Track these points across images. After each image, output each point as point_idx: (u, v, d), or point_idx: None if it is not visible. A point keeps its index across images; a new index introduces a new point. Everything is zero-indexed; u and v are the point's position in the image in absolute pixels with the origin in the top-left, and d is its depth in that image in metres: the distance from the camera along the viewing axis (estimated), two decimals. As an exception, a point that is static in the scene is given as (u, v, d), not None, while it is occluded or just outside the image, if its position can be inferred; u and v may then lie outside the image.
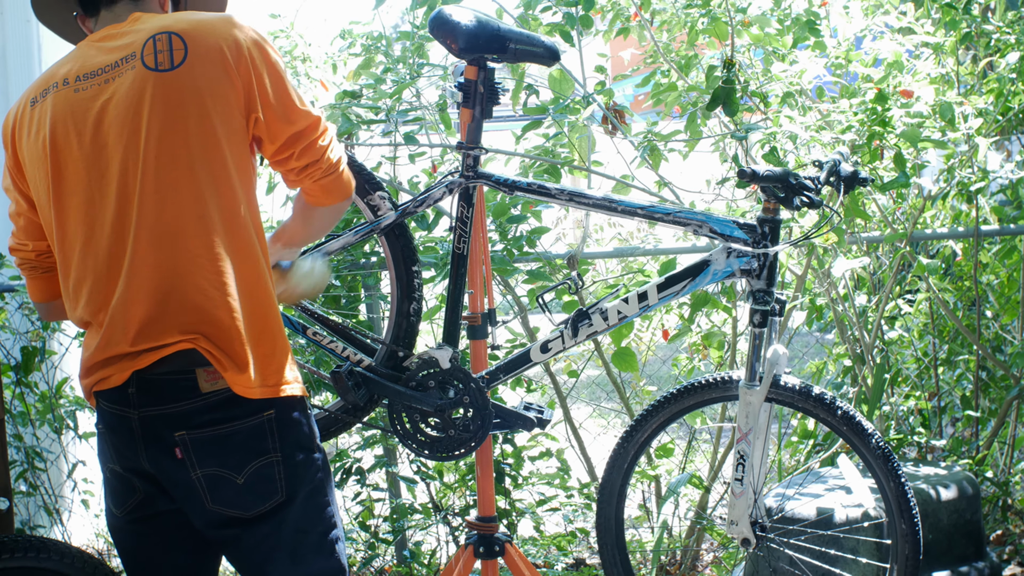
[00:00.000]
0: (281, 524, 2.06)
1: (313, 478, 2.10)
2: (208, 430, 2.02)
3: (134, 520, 2.13)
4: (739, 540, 2.63)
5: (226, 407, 2.02)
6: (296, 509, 2.07)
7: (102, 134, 2.01)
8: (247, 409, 2.02)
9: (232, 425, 2.02)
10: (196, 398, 2.01)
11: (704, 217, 2.57)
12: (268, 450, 2.04)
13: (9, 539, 2.37)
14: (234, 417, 2.02)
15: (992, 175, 3.78)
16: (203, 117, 1.99)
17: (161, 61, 1.99)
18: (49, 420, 3.89)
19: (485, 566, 2.84)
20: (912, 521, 2.56)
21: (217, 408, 2.02)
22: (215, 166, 2.00)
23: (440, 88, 3.82)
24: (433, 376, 2.64)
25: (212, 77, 2.00)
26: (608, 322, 2.64)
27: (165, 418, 2.02)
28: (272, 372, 2.05)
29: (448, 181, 2.69)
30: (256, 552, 2.07)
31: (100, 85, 2.03)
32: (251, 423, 2.02)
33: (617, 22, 3.89)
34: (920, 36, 3.66)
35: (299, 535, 2.08)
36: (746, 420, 2.56)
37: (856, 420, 2.57)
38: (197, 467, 2.02)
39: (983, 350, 3.99)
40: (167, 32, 2.02)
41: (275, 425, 2.04)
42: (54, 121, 2.05)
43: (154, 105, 1.99)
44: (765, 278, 2.52)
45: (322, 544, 2.10)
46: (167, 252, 1.99)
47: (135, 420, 2.03)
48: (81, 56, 2.10)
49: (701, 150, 3.83)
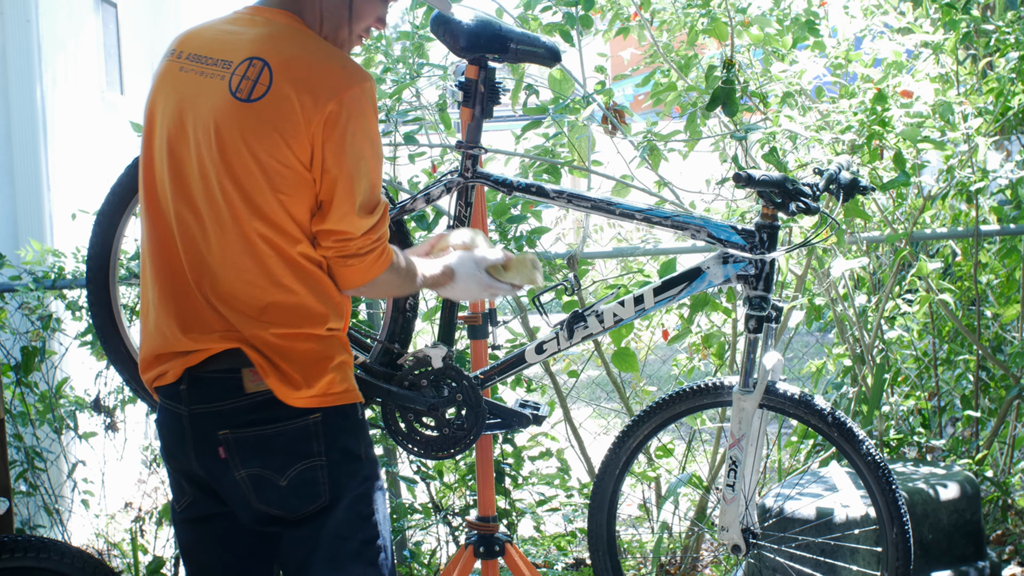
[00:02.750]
0: (322, 528, 2.07)
1: (359, 485, 2.10)
2: (251, 430, 2.04)
3: (187, 520, 2.18)
4: (730, 547, 2.62)
5: (270, 408, 2.04)
6: (338, 514, 2.08)
7: (185, 129, 2.05)
8: (292, 412, 2.04)
9: (276, 427, 2.04)
10: (241, 397, 2.04)
11: (702, 221, 2.57)
12: (312, 453, 2.05)
13: (9, 539, 2.38)
14: (278, 419, 2.04)
15: (992, 175, 3.78)
16: (256, 154, 2.00)
17: (242, 88, 2.01)
18: (49, 420, 3.89)
19: (485, 566, 2.84)
20: (903, 529, 2.56)
21: (261, 408, 2.04)
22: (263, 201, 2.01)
23: (440, 88, 3.82)
24: (426, 375, 2.64)
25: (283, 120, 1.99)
26: (604, 324, 2.64)
27: (211, 416, 2.05)
28: (319, 379, 2.05)
29: (447, 180, 2.69)
30: (296, 554, 2.09)
31: (196, 75, 2.06)
32: (296, 425, 2.04)
33: (617, 22, 3.89)
34: (919, 36, 3.66)
35: (339, 540, 2.08)
36: (739, 426, 2.56)
37: (848, 428, 2.57)
38: (241, 467, 2.05)
39: (983, 350, 3.99)
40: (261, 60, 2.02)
41: (321, 429, 2.05)
42: (155, 89, 2.12)
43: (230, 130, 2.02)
44: (762, 284, 2.51)
45: (362, 552, 2.10)
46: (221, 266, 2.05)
47: (185, 417, 2.07)
48: (207, 32, 2.12)
49: (701, 150, 3.83)
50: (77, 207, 4.00)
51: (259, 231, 2.01)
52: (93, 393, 3.92)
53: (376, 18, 2.17)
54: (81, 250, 3.69)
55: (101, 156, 5.57)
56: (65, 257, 3.81)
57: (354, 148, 2.00)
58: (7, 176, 5.07)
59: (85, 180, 5.31)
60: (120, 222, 2.74)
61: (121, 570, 4.03)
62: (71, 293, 3.86)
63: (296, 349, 2.04)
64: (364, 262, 2.07)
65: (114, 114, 6.10)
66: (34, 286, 3.64)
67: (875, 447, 2.59)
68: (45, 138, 5.13)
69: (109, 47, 6.36)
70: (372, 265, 2.08)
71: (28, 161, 5.09)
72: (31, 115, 5.09)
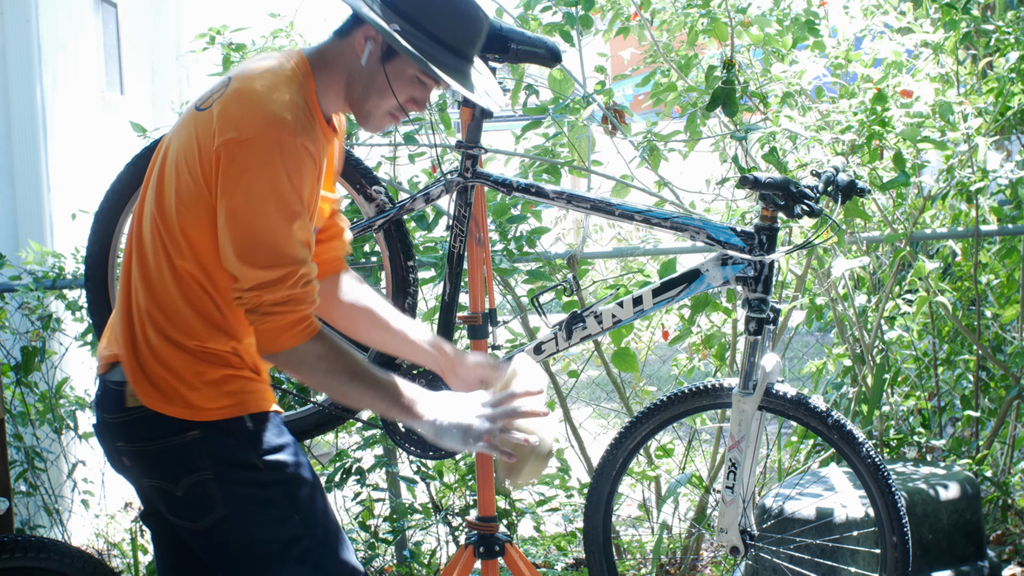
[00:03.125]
0: (235, 535, 2.05)
1: (263, 491, 2.05)
2: (136, 445, 2.04)
3: (143, 516, 2.21)
4: (728, 548, 2.62)
5: (149, 424, 2.02)
6: (247, 522, 2.04)
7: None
8: (170, 427, 2.01)
9: (158, 443, 2.02)
10: (121, 412, 2.04)
11: (702, 223, 2.57)
12: (198, 467, 2.02)
13: (9, 539, 2.38)
14: (159, 435, 2.02)
15: (992, 175, 3.78)
16: (177, 154, 2.00)
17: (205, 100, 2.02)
18: (49, 420, 3.89)
19: (485, 566, 2.84)
20: (902, 531, 2.56)
21: (141, 424, 2.03)
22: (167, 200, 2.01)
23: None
24: (423, 374, 2.64)
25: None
26: (602, 325, 2.64)
27: (109, 426, 2.07)
28: (192, 392, 2.01)
29: (447, 180, 2.69)
30: (219, 560, 2.08)
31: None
32: (176, 442, 2.01)
33: (617, 22, 3.89)
34: (919, 36, 3.66)
35: (259, 545, 2.05)
36: (739, 428, 2.56)
37: (847, 430, 2.57)
38: (142, 477, 2.07)
39: (983, 350, 3.99)
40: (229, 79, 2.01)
41: (202, 445, 2.01)
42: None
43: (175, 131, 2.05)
44: (761, 286, 2.51)
45: (287, 551, 2.05)
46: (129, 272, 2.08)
47: (98, 423, 2.11)
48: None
49: (701, 150, 3.83)
50: (77, 207, 4.00)
51: (156, 226, 2.01)
52: (93, 393, 3.91)
53: (410, 98, 2.07)
54: (81, 250, 3.69)
55: (101, 156, 5.57)
56: (65, 257, 3.82)
57: (248, 190, 1.91)
58: (7, 176, 5.07)
59: (85, 180, 5.31)
60: (119, 221, 2.75)
61: (121, 570, 4.02)
62: (71, 293, 3.86)
63: (167, 359, 2.01)
64: (266, 323, 1.95)
65: (114, 114, 6.10)
66: (34, 286, 3.64)
67: (874, 449, 2.59)
68: (45, 138, 5.13)
69: (109, 47, 6.36)
70: (280, 331, 1.96)
71: (28, 161, 5.09)
72: (31, 115, 5.09)
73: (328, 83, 2.05)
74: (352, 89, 2.06)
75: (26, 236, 4.82)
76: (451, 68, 2.03)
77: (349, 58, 2.05)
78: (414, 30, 2.00)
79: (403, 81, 2.04)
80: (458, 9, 2.03)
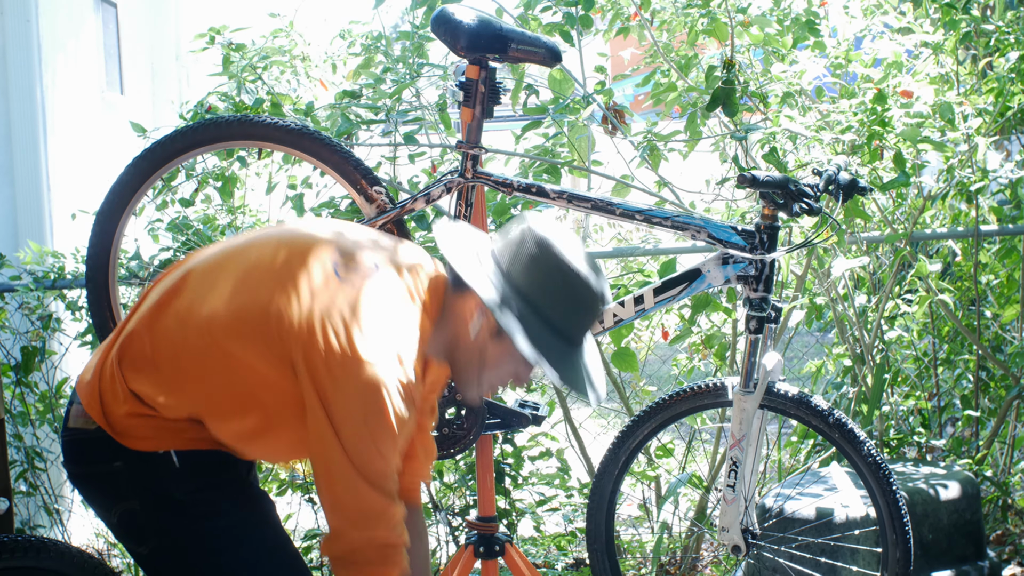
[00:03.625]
0: (179, 563, 2.01)
1: (192, 524, 2.00)
2: (73, 467, 2.05)
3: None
4: (729, 547, 2.62)
5: (83, 447, 2.02)
6: (186, 551, 2.00)
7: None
8: (99, 455, 2.00)
9: (91, 467, 2.02)
10: (64, 432, 2.05)
11: (703, 222, 2.57)
12: (125, 496, 2.00)
13: (9, 539, 2.37)
14: (90, 460, 2.02)
15: (992, 175, 3.78)
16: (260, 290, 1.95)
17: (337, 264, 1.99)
18: (49, 420, 3.89)
19: (485, 566, 2.84)
20: (903, 530, 2.56)
21: (76, 446, 2.03)
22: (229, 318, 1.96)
23: (440, 88, 3.81)
24: None
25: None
26: (603, 324, 2.64)
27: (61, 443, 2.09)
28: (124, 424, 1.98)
29: (447, 180, 2.69)
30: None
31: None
32: (103, 470, 2.00)
33: (617, 22, 3.88)
34: (919, 36, 3.66)
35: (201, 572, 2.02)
36: (740, 427, 2.56)
37: (848, 428, 2.57)
38: (82, 499, 2.10)
39: (983, 350, 3.99)
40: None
41: (126, 476, 1.99)
42: None
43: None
44: (762, 285, 2.51)
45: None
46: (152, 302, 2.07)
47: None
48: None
49: (701, 150, 3.83)
50: (77, 207, 4.00)
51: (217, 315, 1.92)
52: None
53: (514, 375, 2.02)
54: (81, 250, 3.69)
55: (101, 156, 5.57)
56: (65, 257, 3.81)
57: (354, 415, 1.84)
58: (7, 176, 5.07)
59: (85, 180, 5.31)
60: (120, 221, 2.75)
61: (121, 570, 4.02)
62: (71, 293, 3.86)
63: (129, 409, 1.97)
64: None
65: (114, 114, 6.10)
66: (34, 286, 3.63)
67: (875, 448, 2.59)
68: (45, 138, 5.13)
69: (109, 47, 6.36)
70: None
71: (28, 161, 5.09)
72: (31, 115, 5.09)
73: (437, 336, 2.00)
74: (455, 354, 2.01)
75: (26, 236, 4.82)
76: (561, 357, 1.93)
77: (458, 321, 1.98)
78: (531, 314, 1.91)
79: (511, 361, 1.99)
80: (580, 299, 1.94)
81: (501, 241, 2.00)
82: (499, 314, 1.88)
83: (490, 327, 1.95)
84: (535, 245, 1.93)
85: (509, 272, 1.94)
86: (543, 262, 1.92)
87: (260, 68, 3.74)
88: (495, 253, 1.98)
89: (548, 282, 1.92)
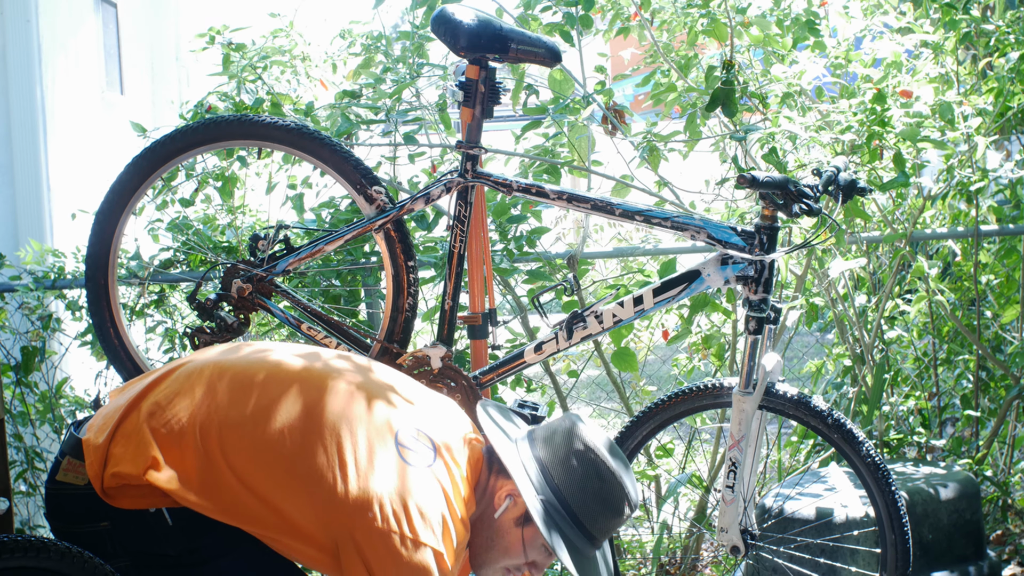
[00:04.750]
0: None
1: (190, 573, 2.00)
2: (55, 522, 2.03)
3: None
4: (728, 548, 2.62)
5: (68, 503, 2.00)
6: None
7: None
8: (84, 515, 1.99)
9: (75, 527, 2.01)
10: (50, 483, 2.03)
11: (702, 223, 2.57)
12: (115, 555, 2.00)
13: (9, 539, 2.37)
14: (74, 519, 2.01)
15: (992, 175, 3.78)
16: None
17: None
18: (49, 420, 3.89)
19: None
20: (902, 530, 2.56)
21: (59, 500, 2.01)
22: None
23: (440, 88, 3.81)
24: (424, 374, 2.64)
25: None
26: (603, 325, 2.64)
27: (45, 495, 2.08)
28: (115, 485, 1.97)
29: (447, 180, 2.69)
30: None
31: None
32: (88, 530, 2.00)
33: (617, 22, 3.88)
34: (919, 36, 3.66)
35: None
36: (739, 427, 2.55)
37: (847, 429, 2.57)
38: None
39: (983, 350, 3.99)
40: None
41: (115, 538, 1.99)
42: None
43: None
44: (762, 286, 2.51)
45: None
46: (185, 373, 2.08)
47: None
48: None
49: (701, 150, 3.83)
50: (77, 207, 4.00)
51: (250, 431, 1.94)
52: (93, 393, 3.91)
53: (533, 562, 2.05)
54: (81, 250, 3.68)
55: (101, 156, 5.57)
56: (65, 257, 3.81)
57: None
58: (7, 176, 5.07)
59: (85, 180, 5.31)
60: (120, 221, 2.75)
61: (121, 570, 4.02)
62: (71, 293, 3.85)
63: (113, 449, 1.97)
64: None
65: (114, 114, 6.10)
66: (34, 286, 3.63)
67: (874, 448, 2.59)
68: (45, 138, 5.13)
69: (109, 47, 6.37)
70: None
71: (28, 161, 5.10)
72: (31, 115, 5.09)
73: (473, 522, 2.04)
74: (476, 533, 2.03)
75: (26, 236, 4.82)
76: (582, 552, 2.01)
77: (488, 500, 2.03)
78: (560, 507, 1.99)
79: (532, 548, 2.03)
80: (610, 504, 2.03)
81: (542, 434, 2.08)
82: (542, 528, 1.96)
83: (519, 513, 2.02)
84: (583, 448, 2.02)
85: (549, 468, 2.02)
86: (587, 468, 2.02)
87: (260, 68, 3.74)
88: (534, 442, 2.06)
89: (587, 485, 2.01)
